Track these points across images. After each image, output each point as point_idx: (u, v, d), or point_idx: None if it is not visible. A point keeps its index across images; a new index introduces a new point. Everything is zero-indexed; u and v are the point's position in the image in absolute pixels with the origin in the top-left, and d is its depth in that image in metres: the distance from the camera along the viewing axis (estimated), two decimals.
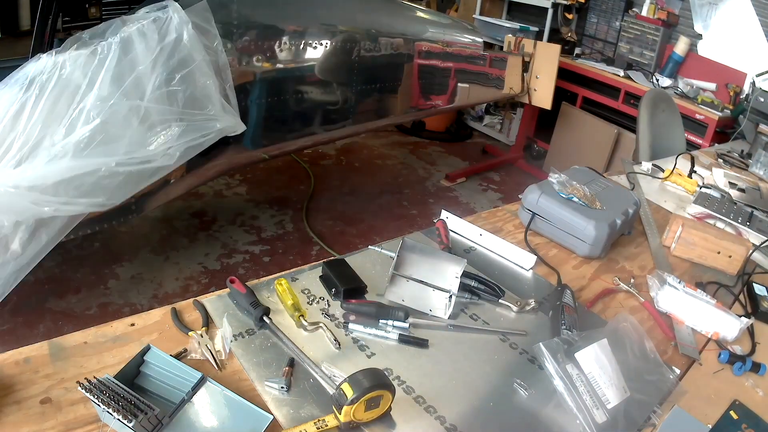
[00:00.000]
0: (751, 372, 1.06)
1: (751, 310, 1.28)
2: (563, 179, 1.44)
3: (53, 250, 1.63)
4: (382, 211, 3.35)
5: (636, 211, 1.48)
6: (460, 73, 3.21)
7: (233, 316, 0.98)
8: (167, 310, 0.98)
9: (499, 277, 1.20)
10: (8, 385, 0.79)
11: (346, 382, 0.78)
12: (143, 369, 0.84)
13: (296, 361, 0.90)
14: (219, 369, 0.87)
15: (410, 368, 0.93)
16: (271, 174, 3.59)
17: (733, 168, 2.28)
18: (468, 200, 3.91)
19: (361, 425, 0.80)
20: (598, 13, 4.33)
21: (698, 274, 1.40)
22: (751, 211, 1.75)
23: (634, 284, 1.28)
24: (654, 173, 2.00)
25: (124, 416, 0.70)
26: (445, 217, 1.39)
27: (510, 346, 1.03)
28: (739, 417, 0.95)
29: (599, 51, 4.33)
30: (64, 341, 0.88)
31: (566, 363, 0.93)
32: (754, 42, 3.51)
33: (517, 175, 4.38)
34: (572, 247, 1.38)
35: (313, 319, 1.00)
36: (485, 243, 1.34)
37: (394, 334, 0.99)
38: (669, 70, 3.83)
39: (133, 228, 2.98)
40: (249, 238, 3.01)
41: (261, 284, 1.08)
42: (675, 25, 3.87)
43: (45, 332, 2.25)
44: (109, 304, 2.45)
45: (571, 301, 1.10)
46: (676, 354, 1.09)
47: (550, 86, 3.59)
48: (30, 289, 2.46)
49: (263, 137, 2.55)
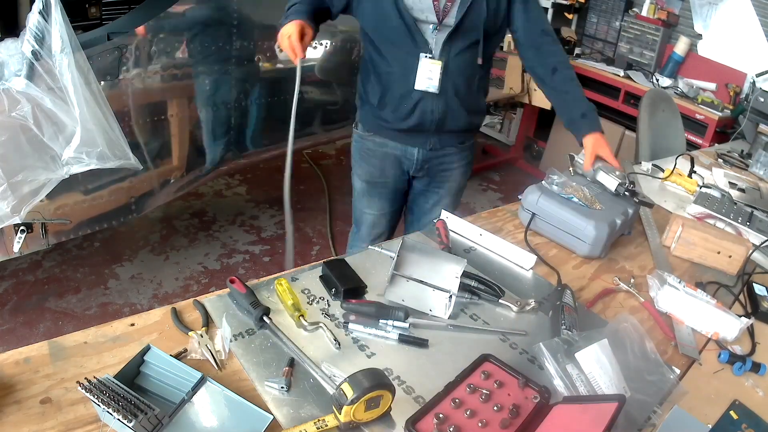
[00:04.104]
0: (751, 372, 1.06)
1: (751, 310, 1.28)
2: (562, 180, 1.44)
3: (53, 250, 1.63)
4: None
5: (636, 211, 1.48)
6: None
7: (233, 316, 0.98)
8: (167, 310, 0.98)
9: (499, 277, 1.20)
10: (8, 385, 0.79)
11: (346, 382, 0.78)
12: (143, 369, 0.84)
13: (296, 361, 0.90)
14: (219, 369, 0.87)
15: (410, 368, 0.93)
16: (271, 174, 3.59)
17: (733, 168, 2.28)
18: (468, 200, 3.91)
19: (361, 425, 0.80)
20: (598, 13, 4.33)
21: (698, 274, 1.40)
22: (751, 211, 1.75)
23: (634, 284, 1.28)
24: (654, 173, 2.00)
25: (124, 416, 0.70)
26: (445, 217, 1.39)
27: (510, 346, 1.03)
28: (739, 417, 0.95)
29: (599, 51, 4.33)
30: (64, 341, 0.88)
31: (566, 363, 0.93)
32: (754, 42, 3.51)
33: (517, 175, 4.38)
34: (572, 247, 1.38)
35: (313, 319, 1.00)
36: (485, 243, 1.34)
37: (394, 334, 0.99)
38: (669, 70, 3.82)
39: (133, 228, 2.98)
40: (249, 238, 3.01)
41: (261, 284, 1.08)
42: (675, 25, 3.87)
43: (45, 332, 2.25)
44: (109, 304, 2.45)
45: (571, 301, 1.10)
46: (676, 354, 1.09)
47: None
48: (30, 289, 2.46)
49: (263, 138, 2.56)
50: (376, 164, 1.75)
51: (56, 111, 1.56)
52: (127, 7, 2.62)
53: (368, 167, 1.76)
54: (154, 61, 2.03)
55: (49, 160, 1.60)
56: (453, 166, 1.75)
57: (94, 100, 1.64)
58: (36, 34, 1.52)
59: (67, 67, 1.55)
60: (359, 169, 1.80)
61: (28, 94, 1.53)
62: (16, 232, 1.77)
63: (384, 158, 1.72)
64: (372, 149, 1.73)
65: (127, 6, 2.63)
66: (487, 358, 0.93)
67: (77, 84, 1.57)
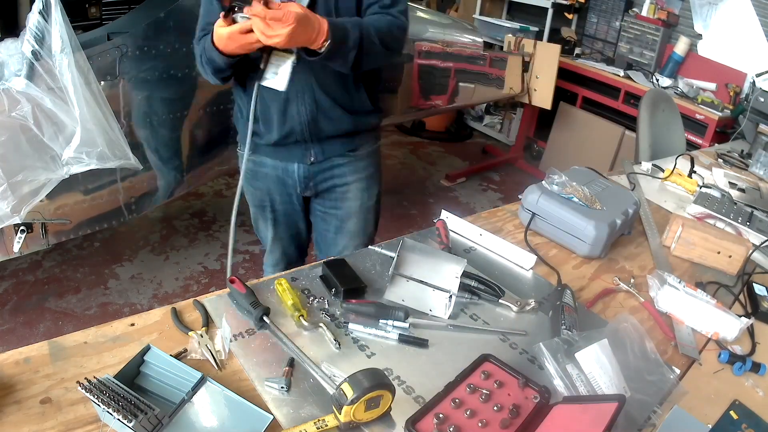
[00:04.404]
0: (751, 372, 1.06)
1: (751, 310, 1.28)
2: (562, 180, 1.44)
3: (53, 250, 1.63)
4: (382, 211, 3.34)
5: (636, 211, 1.48)
6: (460, 73, 3.21)
7: (233, 316, 0.98)
8: (167, 310, 0.98)
9: (499, 277, 1.20)
10: (8, 385, 0.79)
11: (346, 382, 0.77)
12: (143, 369, 0.84)
13: (296, 361, 0.90)
14: (219, 369, 0.87)
15: (410, 368, 0.93)
16: None
17: (733, 168, 2.28)
18: (468, 200, 3.91)
19: (361, 425, 0.80)
20: (598, 13, 4.33)
21: (698, 274, 1.40)
22: (751, 211, 1.75)
23: (634, 284, 1.28)
24: (654, 173, 2.00)
25: (124, 416, 0.70)
26: (445, 217, 1.39)
27: (510, 346, 1.03)
28: (739, 417, 0.95)
29: (599, 51, 4.33)
30: (64, 341, 0.88)
31: (566, 363, 0.93)
32: (754, 42, 3.51)
33: (517, 175, 4.38)
34: (572, 247, 1.38)
35: (313, 319, 1.00)
36: (485, 243, 1.34)
37: (394, 334, 0.99)
38: (669, 70, 3.83)
39: (133, 228, 2.98)
40: (249, 238, 3.01)
41: (261, 284, 1.08)
42: (675, 25, 3.87)
43: (45, 332, 2.25)
44: (109, 304, 2.45)
45: (571, 301, 1.10)
46: (676, 354, 1.09)
47: (550, 86, 3.59)
48: (30, 289, 2.46)
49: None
50: (260, 186, 1.55)
51: (56, 111, 1.56)
52: (127, 7, 2.62)
53: (254, 190, 1.58)
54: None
55: (49, 160, 1.60)
56: (347, 180, 1.52)
57: (94, 100, 1.64)
58: (36, 34, 1.52)
59: (67, 67, 1.55)
60: (246, 193, 1.60)
61: (28, 94, 1.53)
62: (16, 232, 1.77)
63: (265, 179, 1.53)
64: (253, 170, 1.52)
65: (127, 6, 2.63)
66: (487, 358, 0.93)
67: (77, 84, 1.58)
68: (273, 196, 1.56)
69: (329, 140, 1.44)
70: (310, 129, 1.40)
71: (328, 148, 1.46)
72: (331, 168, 1.50)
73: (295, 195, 1.55)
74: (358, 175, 1.54)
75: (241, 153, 1.59)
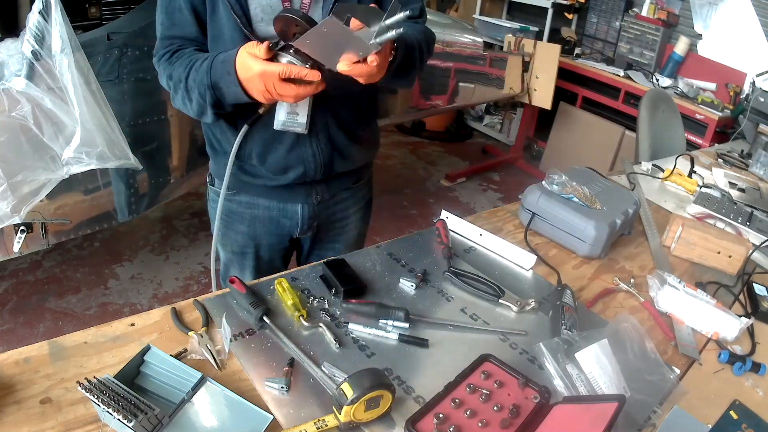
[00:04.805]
0: (751, 372, 1.06)
1: (751, 310, 1.28)
2: (562, 180, 1.44)
3: (53, 250, 1.63)
4: (382, 211, 3.35)
5: (636, 211, 1.48)
6: (460, 73, 3.22)
7: (233, 316, 0.98)
8: (167, 310, 0.98)
9: (499, 277, 1.20)
10: (8, 385, 0.79)
11: (346, 382, 0.77)
12: (143, 369, 0.84)
13: (296, 361, 0.90)
14: (219, 369, 0.87)
15: (410, 368, 0.93)
16: None
17: (733, 168, 2.28)
18: (468, 200, 3.91)
19: (361, 425, 0.80)
20: (598, 13, 4.33)
21: (698, 274, 1.40)
22: (751, 211, 1.75)
23: (634, 284, 1.28)
24: (654, 173, 2.00)
25: (124, 416, 0.70)
26: (445, 217, 1.39)
27: (510, 346, 1.03)
28: (739, 417, 0.95)
29: (599, 51, 4.33)
30: (64, 341, 0.88)
31: (566, 363, 0.93)
32: (754, 42, 3.51)
33: (517, 175, 4.38)
34: (572, 247, 1.38)
35: (313, 319, 1.00)
36: (485, 243, 1.34)
37: (394, 334, 0.99)
38: (669, 70, 3.83)
39: (133, 228, 2.98)
40: None
41: (261, 284, 1.08)
42: (675, 25, 3.88)
43: (45, 332, 2.25)
44: (109, 304, 2.45)
45: (571, 301, 1.10)
46: (676, 354, 1.09)
47: (550, 86, 3.60)
48: (30, 289, 2.46)
49: None
50: (244, 231, 1.31)
51: (56, 111, 1.56)
52: (127, 7, 2.62)
53: (234, 235, 1.33)
54: None
55: (49, 160, 1.60)
56: (349, 212, 1.38)
57: (94, 100, 1.64)
58: (36, 34, 1.52)
59: (67, 67, 1.55)
60: (223, 237, 1.34)
61: (28, 94, 1.53)
62: (16, 232, 1.78)
63: (253, 221, 1.30)
64: (237, 212, 1.29)
65: (127, 6, 2.63)
66: (487, 358, 0.93)
67: (77, 84, 1.58)
68: (260, 241, 1.34)
69: (338, 178, 1.29)
70: (324, 172, 1.22)
71: (334, 184, 1.30)
72: (335, 204, 1.35)
73: (288, 237, 1.36)
74: (358, 205, 1.41)
75: (214, 190, 1.32)
